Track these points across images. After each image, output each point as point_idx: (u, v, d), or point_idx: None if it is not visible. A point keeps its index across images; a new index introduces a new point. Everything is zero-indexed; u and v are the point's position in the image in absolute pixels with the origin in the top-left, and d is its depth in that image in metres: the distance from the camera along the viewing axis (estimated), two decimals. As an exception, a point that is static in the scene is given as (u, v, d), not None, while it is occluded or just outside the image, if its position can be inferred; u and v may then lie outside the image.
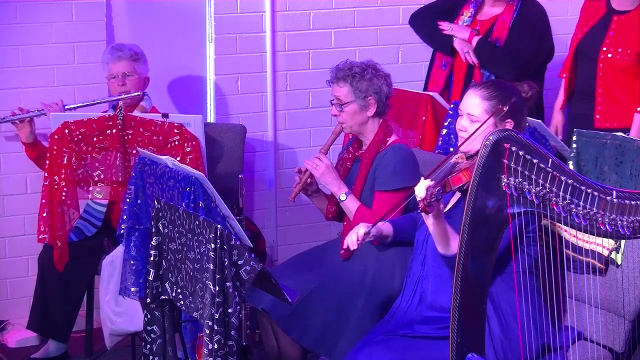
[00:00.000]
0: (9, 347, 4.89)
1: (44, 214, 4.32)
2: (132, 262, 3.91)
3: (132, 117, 4.39)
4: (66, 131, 4.32)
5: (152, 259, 3.49)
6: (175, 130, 4.36)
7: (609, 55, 4.71)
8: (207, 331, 3.20)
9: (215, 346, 3.20)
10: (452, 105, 4.65)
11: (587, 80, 4.82)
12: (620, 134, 4.08)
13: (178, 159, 4.20)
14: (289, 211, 5.47)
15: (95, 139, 4.36)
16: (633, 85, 4.71)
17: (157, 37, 5.19)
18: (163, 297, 3.51)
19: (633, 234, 2.88)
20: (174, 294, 3.46)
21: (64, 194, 4.30)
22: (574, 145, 3.96)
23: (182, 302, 3.41)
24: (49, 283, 4.60)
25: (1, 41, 4.87)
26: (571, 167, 3.85)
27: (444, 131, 4.61)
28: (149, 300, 3.52)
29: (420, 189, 3.13)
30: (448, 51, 5.01)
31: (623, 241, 3.36)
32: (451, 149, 3.50)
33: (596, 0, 4.87)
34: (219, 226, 3.18)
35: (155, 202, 3.51)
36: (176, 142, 4.36)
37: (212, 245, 3.18)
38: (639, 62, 4.68)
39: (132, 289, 3.88)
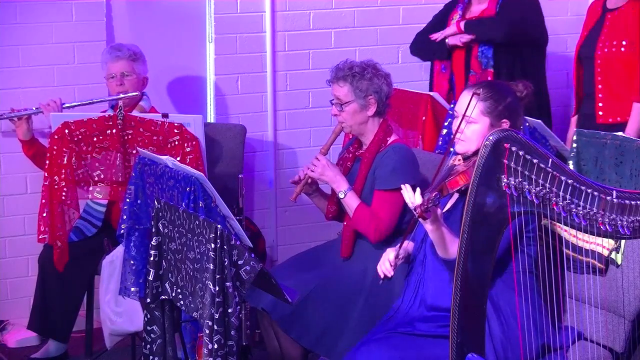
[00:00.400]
0: (9, 347, 4.89)
1: (44, 214, 4.31)
2: (132, 262, 3.90)
3: (132, 117, 4.39)
4: (66, 131, 4.32)
5: (152, 259, 3.49)
6: (175, 130, 4.36)
7: (605, 50, 4.74)
8: (207, 331, 3.19)
9: (215, 346, 3.19)
10: (452, 105, 4.65)
11: (590, 81, 4.83)
12: (620, 133, 4.08)
13: (178, 159, 4.19)
14: (289, 211, 5.47)
15: (95, 139, 4.35)
16: (631, 76, 4.71)
17: (157, 37, 5.18)
18: (163, 297, 3.51)
19: (633, 234, 2.87)
20: (174, 294, 3.46)
21: (64, 194, 4.30)
22: (574, 145, 3.96)
23: (182, 302, 3.41)
24: (49, 283, 4.60)
25: (1, 41, 4.87)
26: (571, 167, 3.84)
27: (444, 131, 4.61)
28: (149, 300, 3.51)
29: (416, 196, 3.12)
30: (445, 54, 5.06)
31: (623, 241, 3.36)
32: (451, 149, 3.49)
33: (596, 6, 4.92)
34: (219, 226, 3.18)
35: (155, 202, 3.51)
36: (176, 142, 4.36)
37: (212, 245, 3.17)
38: (634, 51, 4.69)
39: (132, 289, 3.88)
